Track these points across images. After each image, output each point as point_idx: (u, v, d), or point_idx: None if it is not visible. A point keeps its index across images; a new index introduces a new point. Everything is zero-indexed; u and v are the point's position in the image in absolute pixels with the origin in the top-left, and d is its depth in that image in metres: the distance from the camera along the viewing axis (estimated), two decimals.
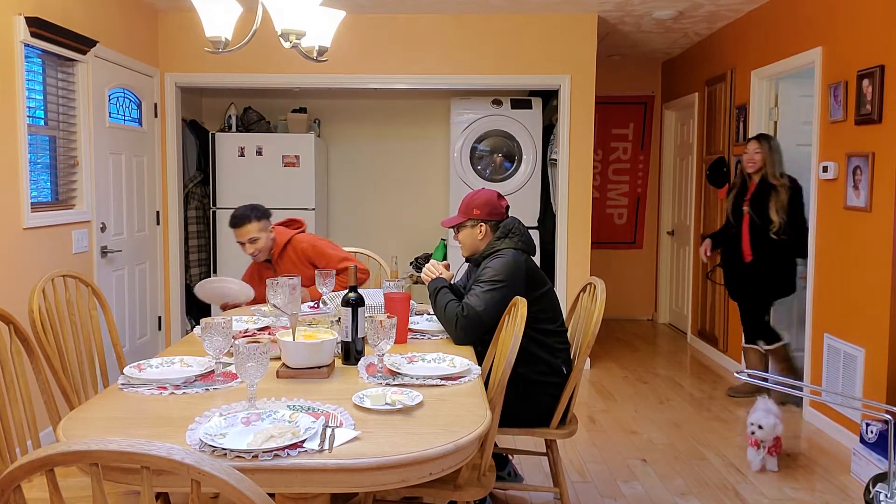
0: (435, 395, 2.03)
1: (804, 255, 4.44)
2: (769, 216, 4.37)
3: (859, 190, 3.72)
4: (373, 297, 2.88)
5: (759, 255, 4.47)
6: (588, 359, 3.79)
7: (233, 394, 2.02)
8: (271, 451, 1.56)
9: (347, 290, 2.39)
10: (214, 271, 5.89)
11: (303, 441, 1.62)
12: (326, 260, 3.61)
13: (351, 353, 2.35)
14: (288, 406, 1.87)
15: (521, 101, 5.81)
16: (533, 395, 2.77)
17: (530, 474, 3.45)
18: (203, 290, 3.46)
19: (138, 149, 4.94)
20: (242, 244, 3.55)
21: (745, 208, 4.51)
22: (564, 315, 3.02)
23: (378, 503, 2.68)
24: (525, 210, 5.71)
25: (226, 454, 1.56)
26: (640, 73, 7.23)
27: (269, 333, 2.73)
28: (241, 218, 3.52)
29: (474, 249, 2.93)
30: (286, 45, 2.44)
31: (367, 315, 2.24)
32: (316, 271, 2.97)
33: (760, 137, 4.52)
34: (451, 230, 3.02)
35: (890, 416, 2.17)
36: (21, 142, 3.53)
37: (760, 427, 3.41)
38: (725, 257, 4.72)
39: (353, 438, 1.67)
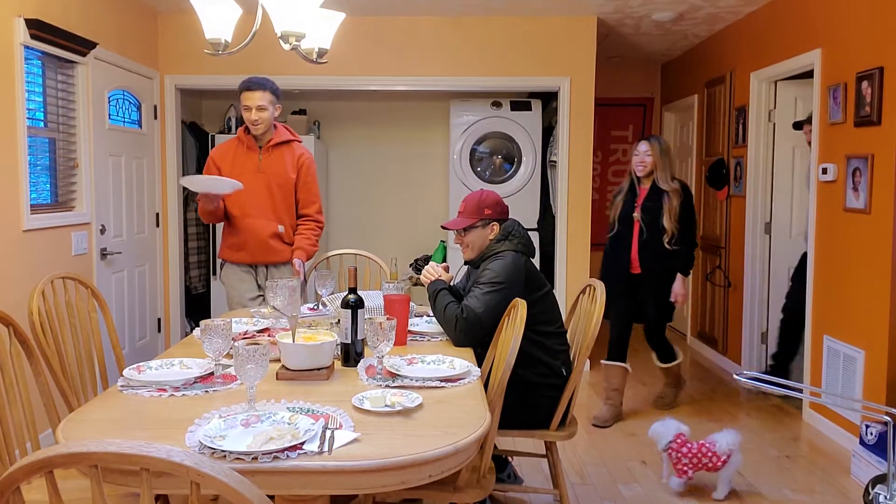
0: (434, 396, 2.03)
1: (686, 272, 4.19)
2: (662, 224, 4.07)
3: (859, 192, 3.72)
4: (372, 298, 2.88)
5: (647, 268, 4.17)
6: (588, 360, 3.78)
7: (232, 396, 2.02)
8: (271, 453, 1.56)
9: (346, 292, 2.39)
10: (214, 273, 5.89)
11: (302, 443, 1.62)
12: (308, 185, 3.65)
13: (350, 354, 2.35)
14: (287, 408, 1.87)
15: (520, 102, 5.81)
16: (532, 396, 2.77)
17: (530, 476, 3.45)
18: (193, 181, 3.41)
19: (138, 151, 4.94)
20: (249, 109, 3.49)
21: (636, 215, 4.16)
22: (564, 317, 3.02)
23: None
24: (524, 212, 5.70)
25: (225, 456, 1.56)
26: (640, 74, 7.23)
27: (269, 335, 2.73)
28: (259, 82, 3.49)
29: (482, 250, 2.89)
30: (286, 46, 2.44)
31: (366, 317, 2.24)
32: (315, 271, 2.97)
33: (651, 138, 4.24)
34: (452, 233, 2.99)
35: (889, 418, 2.18)
36: (21, 144, 3.53)
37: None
38: (609, 268, 4.29)
39: (353, 440, 1.66)
